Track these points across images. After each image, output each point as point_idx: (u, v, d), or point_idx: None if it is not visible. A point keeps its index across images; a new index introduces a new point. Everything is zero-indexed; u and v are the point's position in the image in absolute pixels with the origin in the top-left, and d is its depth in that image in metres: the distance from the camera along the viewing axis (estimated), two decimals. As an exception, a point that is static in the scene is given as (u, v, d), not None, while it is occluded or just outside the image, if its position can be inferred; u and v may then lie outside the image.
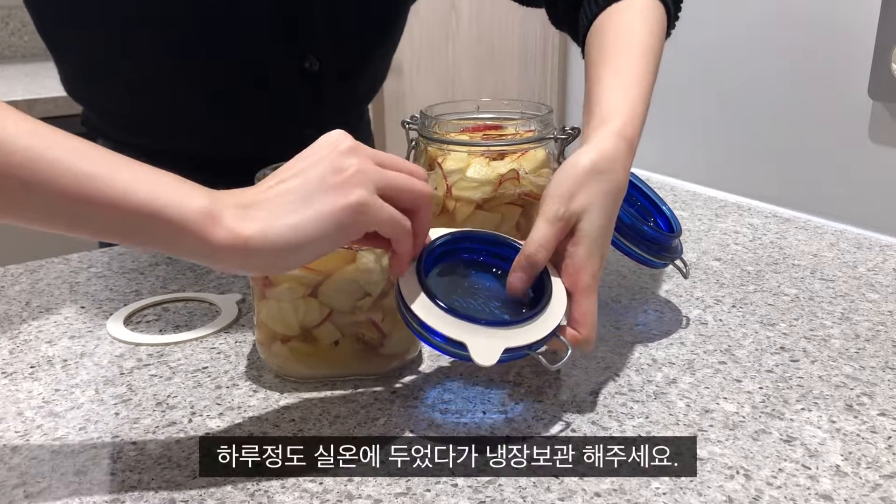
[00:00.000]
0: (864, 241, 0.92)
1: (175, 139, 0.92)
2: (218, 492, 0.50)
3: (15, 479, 0.52)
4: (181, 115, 0.91)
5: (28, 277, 0.84)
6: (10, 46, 2.24)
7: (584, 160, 0.61)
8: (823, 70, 1.36)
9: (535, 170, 0.71)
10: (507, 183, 0.70)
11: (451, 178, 0.70)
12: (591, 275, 0.59)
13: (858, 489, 0.50)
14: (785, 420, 0.57)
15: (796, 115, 1.42)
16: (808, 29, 1.37)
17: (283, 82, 0.90)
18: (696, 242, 0.92)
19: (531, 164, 0.71)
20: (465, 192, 0.70)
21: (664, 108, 1.64)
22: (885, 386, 0.62)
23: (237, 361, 0.66)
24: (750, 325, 0.72)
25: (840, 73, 1.33)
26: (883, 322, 0.72)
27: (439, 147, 0.72)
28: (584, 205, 0.59)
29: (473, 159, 0.71)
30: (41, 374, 0.65)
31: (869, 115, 1.31)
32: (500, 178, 0.70)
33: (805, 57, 1.39)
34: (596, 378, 0.63)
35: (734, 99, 1.52)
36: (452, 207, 0.70)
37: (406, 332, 0.62)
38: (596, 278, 0.60)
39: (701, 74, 1.57)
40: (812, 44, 1.37)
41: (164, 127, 0.92)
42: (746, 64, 1.49)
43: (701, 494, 0.49)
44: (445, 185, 0.70)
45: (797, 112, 1.42)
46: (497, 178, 0.70)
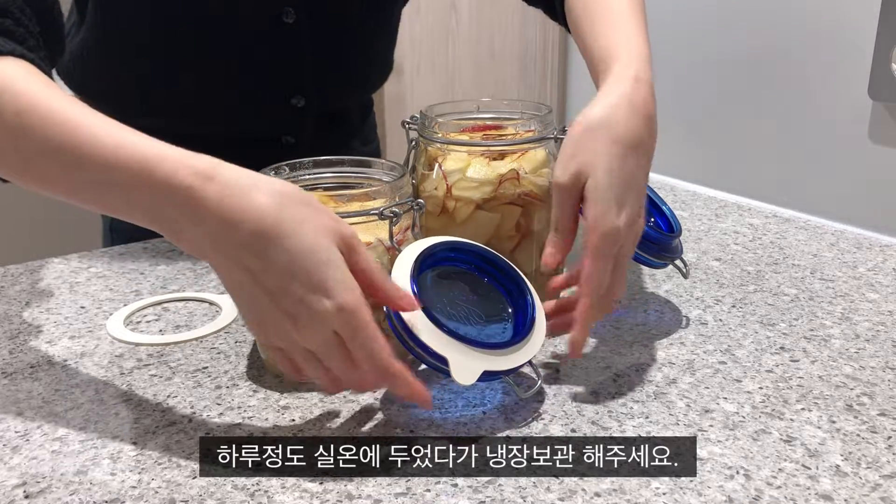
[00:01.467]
0: (864, 241, 0.92)
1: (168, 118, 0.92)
2: (218, 492, 0.50)
3: (15, 479, 0.52)
4: (176, 97, 0.92)
5: (28, 277, 0.84)
6: (10, 46, 2.24)
7: (579, 118, 0.59)
8: (823, 70, 1.36)
9: (535, 170, 0.71)
10: (507, 183, 0.70)
11: (451, 177, 0.70)
12: (600, 235, 0.55)
13: (858, 489, 0.50)
14: (785, 420, 0.57)
15: (796, 115, 1.42)
16: (808, 29, 1.37)
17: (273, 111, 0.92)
18: (696, 242, 0.92)
19: (531, 164, 0.71)
20: (465, 192, 0.70)
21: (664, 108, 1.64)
22: (885, 386, 0.62)
23: (237, 361, 0.66)
24: (750, 325, 0.72)
25: (840, 74, 1.33)
26: (883, 322, 0.72)
27: (439, 147, 0.72)
28: (586, 162, 0.57)
29: (473, 159, 0.71)
30: (41, 374, 0.65)
31: (869, 115, 1.31)
32: (500, 178, 0.70)
33: (805, 57, 1.39)
34: (596, 378, 0.63)
35: (734, 99, 1.52)
36: (452, 207, 0.70)
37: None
38: (608, 239, 0.55)
39: (701, 74, 1.57)
40: (812, 44, 1.37)
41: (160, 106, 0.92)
42: (747, 64, 1.49)
43: (701, 494, 0.49)
44: (445, 184, 0.70)
45: (797, 112, 1.42)
46: (497, 178, 0.70)
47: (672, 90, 1.59)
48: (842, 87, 1.33)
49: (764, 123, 1.48)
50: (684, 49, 1.56)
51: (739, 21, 1.48)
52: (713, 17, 1.51)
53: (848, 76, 1.32)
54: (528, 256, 0.73)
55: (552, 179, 0.60)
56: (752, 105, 1.49)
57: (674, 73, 1.59)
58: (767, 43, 1.44)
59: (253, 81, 0.90)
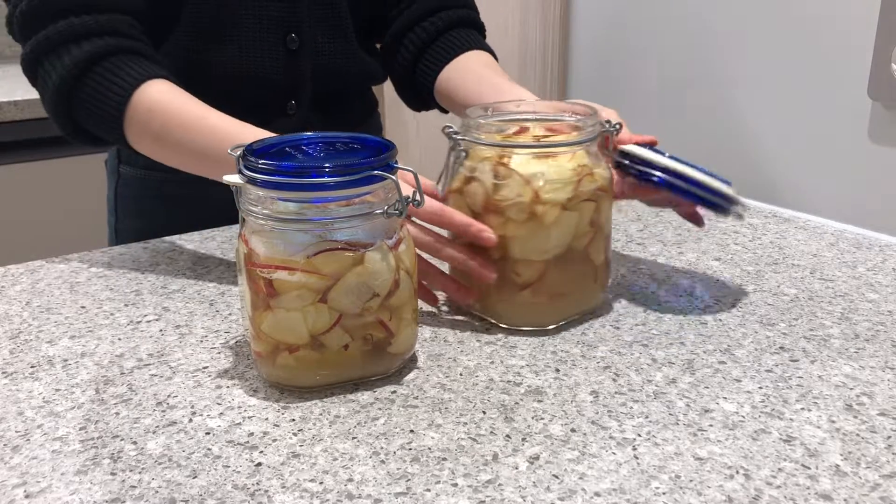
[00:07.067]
0: (863, 240, 0.92)
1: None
2: (218, 492, 0.50)
3: (15, 479, 0.52)
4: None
5: (28, 277, 0.84)
6: (10, 46, 2.24)
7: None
8: (823, 70, 1.36)
9: (596, 164, 0.70)
10: (585, 179, 0.69)
11: (535, 182, 0.67)
12: None
13: (858, 489, 0.50)
14: (784, 420, 0.57)
15: (796, 115, 1.42)
16: (808, 29, 1.37)
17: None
18: (696, 242, 0.92)
19: (589, 158, 0.70)
20: (551, 193, 0.67)
21: (663, 107, 1.64)
22: (884, 386, 0.62)
23: (237, 361, 0.66)
24: (750, 325, 0.72)
25: (840, 73, 1.33)
26: (883, 322, 0.72)
27: (499, 151, 0.69)
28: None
29: (547, 161, 0.68)
30: (41, 374, 0.65)
31: (868, 115, 1.31)
32: (578, 176, 0.69)
33: (805, 57, 1.39)
34: (596, 378, 0.63)
35: (734, 99, 1.53)
36: (542, 212, 0.68)
37: (411, 330, 0.63)
38: None
39: (700, 74, 1.57)
40: (812, 43, 1.37)
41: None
42: (746, 64, 1.49)
43: (701, 494, 0.49)
44: (532, 190, 0.67)
45: (797, 112, 1.42)
46: (575, 176, 0.68)
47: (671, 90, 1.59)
48: (841, 87, 1.33)
49: (764, 123, 1.48)
50: (684, 49, 1.56)
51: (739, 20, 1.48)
52: (713, 17, 1.51)
53: (847, 76, 1.32)
54: (597, 249, 0.72)
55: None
56: (752, 105, 1.49)
57: (673, 73, 1.60)
58: (767, 43, 1.44)
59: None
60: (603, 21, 1.80)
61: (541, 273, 0.69)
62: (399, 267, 0.61)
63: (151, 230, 0.95)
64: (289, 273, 0.58)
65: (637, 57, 1.67)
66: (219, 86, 0.90)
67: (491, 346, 0.68)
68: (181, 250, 0.90)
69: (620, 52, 1.72)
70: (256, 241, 0.59)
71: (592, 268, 0.72)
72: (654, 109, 1.64)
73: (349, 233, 0.59)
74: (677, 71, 1.59)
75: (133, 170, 1.00)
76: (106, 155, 1.07)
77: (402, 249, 0.62)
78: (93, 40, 0.79)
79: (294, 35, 0.93)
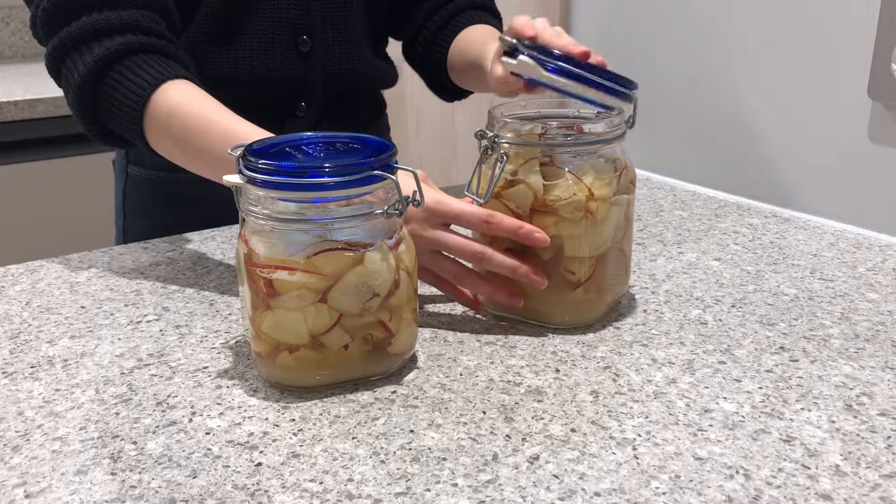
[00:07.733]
0: (863, 240, 0.92)
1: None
2: (218, 492, 0.50)
3: (15, 479, 0.52)
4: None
5: (28, 277, 0.84)
6: (10, 46, 2.24)
7: None
8: (823, 70, 1.36)
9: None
10: (623, 173, 0.70)
11: (588, 180, 0.68)
12: None
13: (858, 489, 0.50)
14: (784, 420, 0.57)
15: (795, 115, 1.42)
16: (808, 29, 1.37)
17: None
18: (696, 242, 0.92)
19: (619, 152, 0.72)
20: (602, 189, 0.68)
21: (664, 107, 1.64)
22: (884, 386, 0.62)
23: (237, 361, 0.66)
24: (749, 325, 0.72)
25: (840, 73, 1.33)
26: (882, 322, 0.72)
27: (544, 151, 0.69)
28: None
29: (585, 159, 0.69)
30: (41, 374, 0.65)
31: (868, 115, 1.31)
32: (618, 170, 0.70)
33: (805, 56, 1.39)
34: (596, 378, 0.63)
35: (733, 99, 1.53)
36: (595, 209, 0.68)
37: (411, 330, 0.63)
38: None
39: (700, 74, 1.57)
40: (812, 43, 1.37)
41: None
42: (746, 64, 1.49)
43: (701, 494, 0.49)
44: (587, 189, 0.68)
45: (796, 112, 1.42)
46: (615, 172, 0.69)
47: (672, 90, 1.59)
48: (841, 87, 1.33)
49: (763, 123, 1.48)
50: (684, 49, 1.56)
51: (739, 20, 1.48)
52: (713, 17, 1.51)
53: (847, 76, 1.32)
54: (628, 240, 0.74)
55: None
56: (752, 105, 1.49)
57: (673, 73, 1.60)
58: (766, 42, 1.44)
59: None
60: (603, 21, 1.80)
61: (593, 269, 0.70)
62: (399, 267, 0.61)
63: (161, 230, 0.95)
64: (289, 273, 0.58)
65: (637, 57, 1.67)
66: (229, 86, 0.89)
67: (491, 346, 0.68)
68: (181, 250, 0.90)
69: (620, 53, 1.72)
70: (256, 241, 0.59)
71: (625, 259, 0.74)
72: (653, 109, 1.64)
73: (349, 233, 0.59)
74: (677, 71, 1.59)
75: (142, 170, 1.00)
76: (113, 155, 1.06)
77: (402, 249, 0.62)
78: (114, 37, 0.78)
79: (306, 37, 0.94)
